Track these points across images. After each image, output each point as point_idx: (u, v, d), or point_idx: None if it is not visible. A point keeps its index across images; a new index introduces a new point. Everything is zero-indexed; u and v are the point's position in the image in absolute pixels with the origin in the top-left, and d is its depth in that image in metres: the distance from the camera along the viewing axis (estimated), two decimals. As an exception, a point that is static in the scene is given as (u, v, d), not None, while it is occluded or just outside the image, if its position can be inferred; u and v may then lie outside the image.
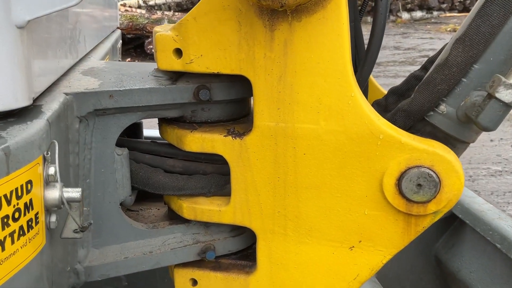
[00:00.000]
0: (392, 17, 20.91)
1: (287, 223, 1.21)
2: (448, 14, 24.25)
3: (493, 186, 5.77)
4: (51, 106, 0.97)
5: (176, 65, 1.13)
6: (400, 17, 20.78)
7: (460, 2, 24.88)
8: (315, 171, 1.15)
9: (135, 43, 13.79)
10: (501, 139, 7.31)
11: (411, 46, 16.11)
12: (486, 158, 6.57)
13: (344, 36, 1.06)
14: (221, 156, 1.19)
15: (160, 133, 1.30)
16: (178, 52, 1.13)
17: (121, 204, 1.26)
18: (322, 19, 1.05)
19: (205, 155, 1.25)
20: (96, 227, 1.22)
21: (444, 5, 24.43)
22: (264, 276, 1.26)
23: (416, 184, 1.09)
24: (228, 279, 1.29)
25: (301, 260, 1.23)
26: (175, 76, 1.22)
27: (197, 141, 1.18)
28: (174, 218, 1.36)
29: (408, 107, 1.15)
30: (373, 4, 1.23)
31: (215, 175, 1.27)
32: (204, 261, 1.31)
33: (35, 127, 0.86)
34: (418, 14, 23.47)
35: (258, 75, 1.11)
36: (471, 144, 1.23)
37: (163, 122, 1.28)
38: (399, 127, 1.13)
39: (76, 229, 0.94)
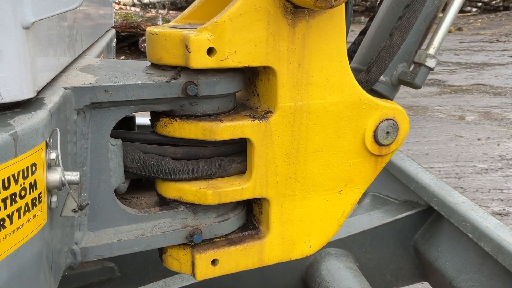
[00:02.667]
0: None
1: (296, 185, 1.44)
2: (441, 15, 24.34)
3: (478, 183, 5.89)
4: (52, 99, 1.07)
5: (210, 63, 1.24)
6: (394, 18, 20.87)
7: (453, 3, 24.93)
8: (320, 136, 1.42)
9: (129, 41, 13.83)
10: (488, 138, 7.45)
11: (403, 46, 16.20)
12: (472, 156, 6.70)
13: (344, 28, 1.36)
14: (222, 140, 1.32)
15: (166, 130, 1.35)
16: (211, 51, 1.24)
17: (115, 190, 1.35)
18: (330, 17, 1.32)
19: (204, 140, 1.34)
20: (92, 211, 1.31)
21: (437, 6, 24.49)
22: (276, 235, 1.46)
23: (386, 132, 1.47)
24: (247, 248, 1.44)
25: (304, 213, 1.48)
26: (167, 73, 1.32)
27: (228, 129, 1.31)
28: (164, 205, 1.46)
29: (367, 79, 1.54)
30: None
31: (219, 158, 1.39)
32: (219, 241, 1.44)
33: (38, 116, 0.96)
34: (411, 14, 23.41)
35: (282, 65, 1.31)
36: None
37: (175, 120, 1.33)
38: None
39: (75, 209, 1.04)
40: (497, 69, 12.86)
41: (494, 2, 25.37)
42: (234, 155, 1.43)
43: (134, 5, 15.17)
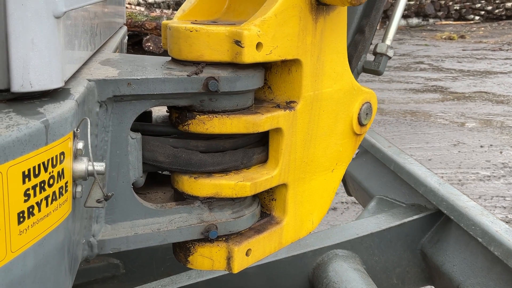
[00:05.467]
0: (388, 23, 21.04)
1: (306, 168, 1.53)
2: (444, 22, 24.43)
3: (481, 190, 5.90)
4: (78, 90, 1.07)
5: (258, 57, 1.29)
6: (397, 24, 20.90)
7: (456, 10, 25.08)
8: (326, 122, 1.53)
9: (133, 40, 13.82)
10: (490, 145, 7.46)
11: (406, 52, 16.26)
12: (475, 163, 6.70)
13: (346, 23, 1.49)
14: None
15: (204, 127, 1.32)
16: (259, 46, 1.28)
17: (132, 184, 1.35)
18: (338, 13, 1.45)
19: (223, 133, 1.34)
20: (110, 204, 1.31)
21: (440, 13, 24.61)
22: (291, 218, 1.54)
23: (365, 114, 1.64)
24: (271, 234, 1.50)
25: (310, 193, 1.58)
26: (188, 68, 1.32)
27: (268, 121, 1.36)
28: (179, 200, 1.46)
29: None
30: None
31: (243, 149, 1.41)
32: (246, 232, 1.46)
33: (67, 106, 0.96)
34: (415, 21, 23.58)
35: (307, 57, 1.40)
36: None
37: (215, 116, 1.32)
38: None
39: (99, 199, 1.04)
40: (499, 77, 12.89)
41: (497, 11, 25.44)
42: (254, 146, 1.45)
43: (139, 4, 15.18)
